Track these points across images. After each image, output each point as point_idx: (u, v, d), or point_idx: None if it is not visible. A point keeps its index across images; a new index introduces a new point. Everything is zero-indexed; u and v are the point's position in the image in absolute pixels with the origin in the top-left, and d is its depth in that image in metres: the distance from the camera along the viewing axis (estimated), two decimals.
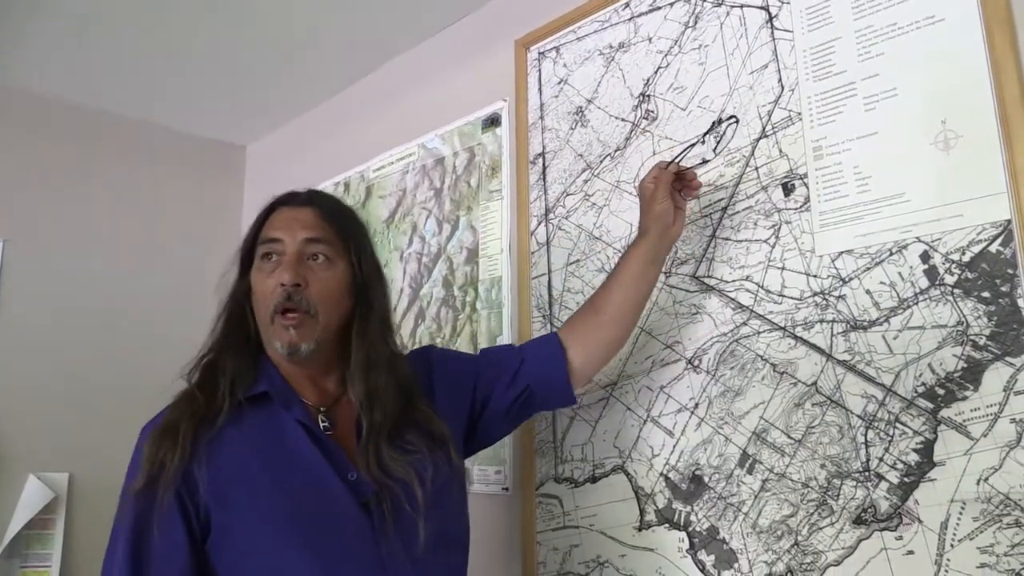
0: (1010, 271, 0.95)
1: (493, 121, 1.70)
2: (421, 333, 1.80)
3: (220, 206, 2.54)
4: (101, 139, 2.31)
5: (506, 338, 1.58)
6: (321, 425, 1.07)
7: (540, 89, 1.60)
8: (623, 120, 1.42)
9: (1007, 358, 0.94)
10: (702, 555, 1.19)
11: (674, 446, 1.25)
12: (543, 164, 1.56)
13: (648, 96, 1.39)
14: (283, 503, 1.00)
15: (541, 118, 1.58)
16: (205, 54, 2.01)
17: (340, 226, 1.12)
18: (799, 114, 1.17)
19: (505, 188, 1.65)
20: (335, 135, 2.25)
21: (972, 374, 0.96)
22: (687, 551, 1.21)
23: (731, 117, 1.24)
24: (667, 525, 1.24)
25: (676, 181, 1.18)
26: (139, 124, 2.39)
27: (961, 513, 0.95)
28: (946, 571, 0.95)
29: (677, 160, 1.18)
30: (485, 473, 1.57)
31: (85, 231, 2.23)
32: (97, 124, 2.31)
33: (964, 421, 0.96)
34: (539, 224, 1.54)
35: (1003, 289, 0.95)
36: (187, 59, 2.03)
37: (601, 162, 1.45)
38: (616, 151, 1.42)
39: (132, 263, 2.30)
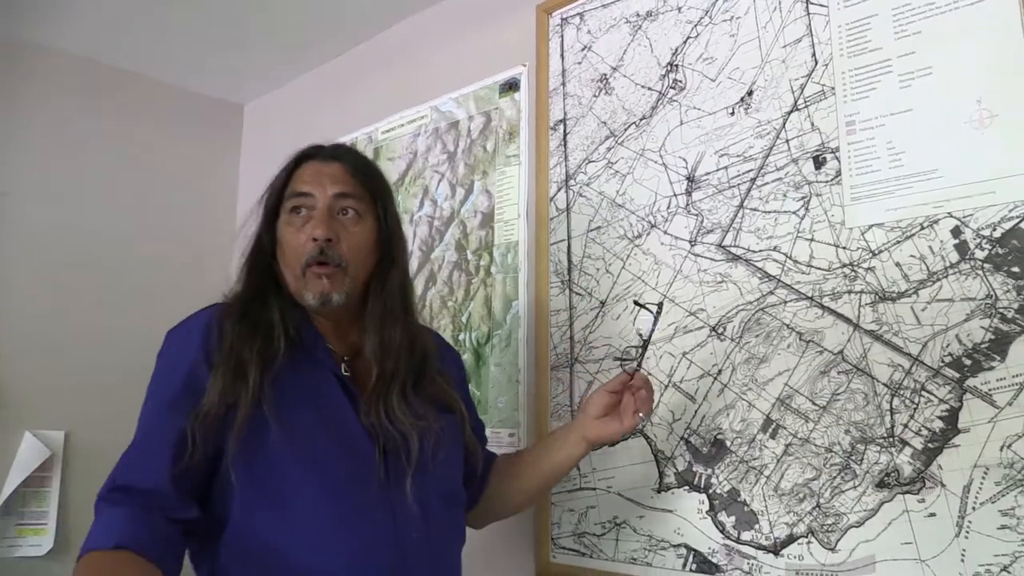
0: None
1: (511, 86, 1.70)
2: (432, 296, 1.80)
3: (216, 164, 2.53)
4: (99, 93, 2.25)
5: (522, 302, 1.59)
6: (345, 373, 1.10)
7: (562, 55, 1.59)
8: (649, 89, 1.43)
9: None
10: (722, 516, 1.23)
11: (695, 411, 1.28)
12: (564, 130, 1.56)
13: (676, 66, 1.40)
14: (314, 445, 1.02)
15: (563, 84, 1.58)
16: (205, 9, 1.97)
17: (368, 182, 1.14)
18: (832, 88, 1.19)
19: (523, 153, 1.65)
20: (339, 96, 2.22)
21: (999, 345, 1.00)
22: (707, 512, 1.25)
23: (659, 304, 1.29)
24: (687, 487, 1.28)
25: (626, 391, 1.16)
26: (138, 79, 2.34)
27: (984, 478, 0.99)
28: (967, 532, 0.99)
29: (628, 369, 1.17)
30: (499, 435, 1.59)
31: (83, 185, 2.19)
32: (96, 78, 2.25)
33: (990, 390, 1.00)
34: (559, 190, 1.55)
35: None
36: (187, 13, 1.99)
37: (625, 130, 1.46)
38: (641, 119, 1.43)
39: (129, 218, 2.27)
